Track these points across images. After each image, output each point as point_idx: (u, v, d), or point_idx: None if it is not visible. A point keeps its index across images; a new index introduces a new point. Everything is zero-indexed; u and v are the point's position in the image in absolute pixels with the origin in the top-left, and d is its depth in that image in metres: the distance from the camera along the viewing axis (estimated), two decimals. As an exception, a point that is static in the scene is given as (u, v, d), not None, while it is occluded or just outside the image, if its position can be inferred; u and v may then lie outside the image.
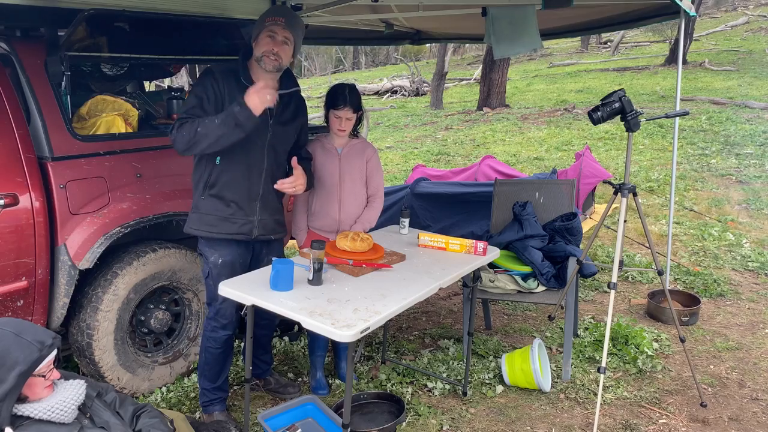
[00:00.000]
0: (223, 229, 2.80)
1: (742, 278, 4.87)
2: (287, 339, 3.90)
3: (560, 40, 27.55)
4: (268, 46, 2.66)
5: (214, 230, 2.80)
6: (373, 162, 3.24)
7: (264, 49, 2.66)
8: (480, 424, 3.05)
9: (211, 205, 2.79)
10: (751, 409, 3.18)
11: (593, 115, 3.00)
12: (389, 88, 19.87)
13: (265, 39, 2.67)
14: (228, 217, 2.80)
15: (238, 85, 2.69)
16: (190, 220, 2.85)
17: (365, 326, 2.20)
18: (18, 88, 2.83)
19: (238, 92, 2.66)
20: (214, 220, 2.79)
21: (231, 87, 2.69)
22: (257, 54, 2.69)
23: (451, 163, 9.51)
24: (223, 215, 2.79)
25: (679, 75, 4.07)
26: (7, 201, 2.69)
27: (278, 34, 2.67)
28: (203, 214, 2.80)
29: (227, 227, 2.81)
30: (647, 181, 7.67)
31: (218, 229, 2.80)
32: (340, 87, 3.11)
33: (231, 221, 2.81)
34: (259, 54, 2.68)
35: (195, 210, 2.83)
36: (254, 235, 2.86)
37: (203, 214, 2.80)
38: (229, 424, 2.93)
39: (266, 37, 2.67)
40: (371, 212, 3.25)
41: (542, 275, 3.61)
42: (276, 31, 2.66)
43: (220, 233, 2.81)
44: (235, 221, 2.81)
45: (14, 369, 1.90)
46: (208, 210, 2.79)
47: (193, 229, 2.83)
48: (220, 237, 2.81)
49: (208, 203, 2.79)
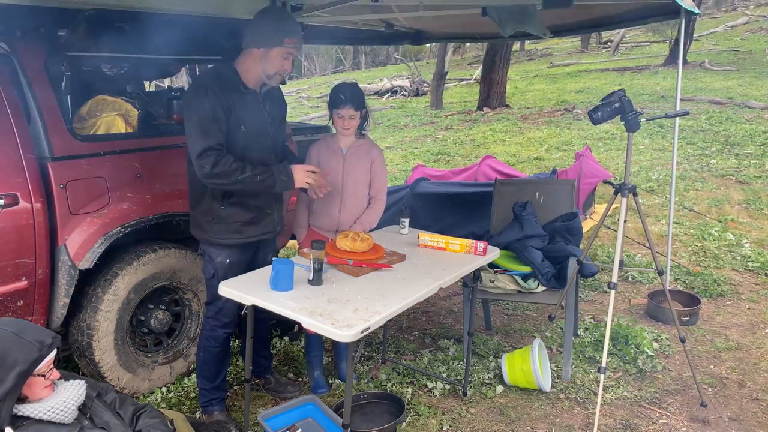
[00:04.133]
0: (250, 233, 2.83)
1: (742, 278, 4.87)
2: (287, 339, 3.90)
3: (560, 40, 27.58)
4: (283, 66, 2.68)
5: (242, 237, 2.81)
6: (378, 163, 3.23)
7: (278, 69, 2.68)
8: (480, 424, 3.05)
9: (233, 213, 2.77)
10: (751, 409, 3.18)
11: (593, 115, 3.00)
12: (389, 88, 19.85)
13: (280, 58, 2.66)
14: (251, 220, 2.81)
15: (237, 93, 2.68)
16: (212, 231, 2.78)
17: (365, 326, 2.20)
18: (18, 88, 2.83)
19: (239, 101, 2.67)
20: (240, 226, 2.80)
21: (232, 96, 2.65)
22: (269, 71, 2.68)
23: (451, 163, 9.51)
24: (247, 219, 2.80)
25: (679, 75, 4.06)
26: (7, 201, 2.69)
27: (293, 56, 2.70)
28: (227, 223, 2.78)
29: (254, 230, 2.83)
30: (647, 181, 7.67)
31: (246, 234, 2.82)
32: (341, 86, 3.11)
33: (255, 224, 2.83)
34: (272, 72, 2.68)
35: (216, 220, 2.77)
36: (277, 231, 2.94)
37: (227, 223, 2.78)
38: (229, 424, 2.93)
39: (281, 58, 2.67)
40: (372, 213, 3.25)
41: (542, 275, 3.61)
42: (293, 53, 2.69)
43: (248, 237, 2.83)
44: (259, 223, 2.84)
45: (14, 369, 1.90)
46: (232, 218, 2.78)
47: (220, 239, 2.79)
48: (247, 242, 2.83)
49: (229, 211, 2.77)
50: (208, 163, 2.55)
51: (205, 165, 2.55)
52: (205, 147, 2.56)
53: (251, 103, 2.73)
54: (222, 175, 2.57)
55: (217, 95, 2.60)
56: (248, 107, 2.71)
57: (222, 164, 2.56)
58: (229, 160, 2.58)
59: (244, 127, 2.69)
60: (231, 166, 2.57)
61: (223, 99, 2.61)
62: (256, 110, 2.75)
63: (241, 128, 2.68)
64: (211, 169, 2.55)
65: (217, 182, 2.61)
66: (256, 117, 2.75)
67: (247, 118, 2.70)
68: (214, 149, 2.57)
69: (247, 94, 2.72)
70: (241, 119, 2.67)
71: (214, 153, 2.56)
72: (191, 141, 2.60)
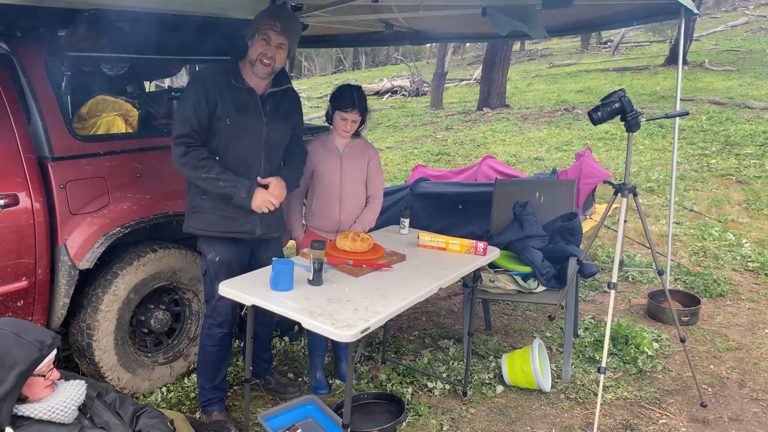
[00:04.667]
0: (225, 227, 2.80)
1: (742, 278, 4.87)
2: (287, 339, 3.90)
3: (560, 40, 27.59)
4: (262, 49, 2.66)
5: (215, 229, 2.80)
6: (374, 163, 3.24)
7: (258, 52, 2.66)
8: (480, 424, 3.05)
9: (214, 205, 2.78)
10: (752, 409, 3.18)
11: (593, 115, 3.00)
12: (389, 88, 19.85)
13: (260, 42, 2.66)
14: (230, 215, 2.79)
15: (229, 87, 2.69)
16: (190, 219, 2.84)
17: (365, 326, 2.20)
18: (18, 88, 2.83)
19: (229, 94, 2.67)
20: (216, 219, 2.79)
21: (222, 90, 2.67)
22: (252, 57, 2.68)
23: (451, 163, 9.51)
24: (225, 214, 2.79)
25: (679, 75, 4.07)
26: (7, 201, 2.69)
27: (272, 40, 2.66)
28: (205, 214, 2.79)
29: (229, 226, 2.81)
30: (647, 181, 7.68)
31: (220, 227, 2.80)
32: (348, 89, 3.09)
33: (233, 219, 2.80)
34: (254, 58, 2.68)
35: (196, 210, 2.81)
36: (257, 233, 2.86)
37: (205, 214, 2.79)
38: (228, 424, 2.93)
39: (260, 41, 2.66)
40: (370, 212, 3.26)
41: (542, 275, 3.61)
42: (270, 36, 2.65)
43: (222, 232, 2.80)
44: (237, 219, 2.81)
45: (14, 369, 1.90)
46: (211, 210, 2.78)
47: (194, 228, 2.82)
48: (221, 236, 2.81)
49: (209, 203, 2.78)
50: (179, 150, 2.64)
51: (176, 151, 2.65)
52: (180, 133, 2.65)
53: (244, 99, 2.72)
54: (188, 167, 2.65)
55: (205, 87, 2.65)
56: (238, 102, 2.71)
57: (191, 156, 2.64)
58: (200, 155, 2.64)
59: (228, 120, 2.69)
60: (199, 162, 2.64)
61: (212, 91, 2.65)
62: (249, 107, 2.74)
63: (226, 121, 2.69)
64: (179, 157, 2.65)
65: (184, 171, 2.70)
66: (247, 113, 2.73)
67: (235, 112, 2.70)
68: (188, 137, 2.64)
69: (242, 90, 2.72)
70: (227, 113, 2.68)
71: (187, 141, 2.64)
72: (173, 127, 2.70)
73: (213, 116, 2.67)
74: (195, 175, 2.66)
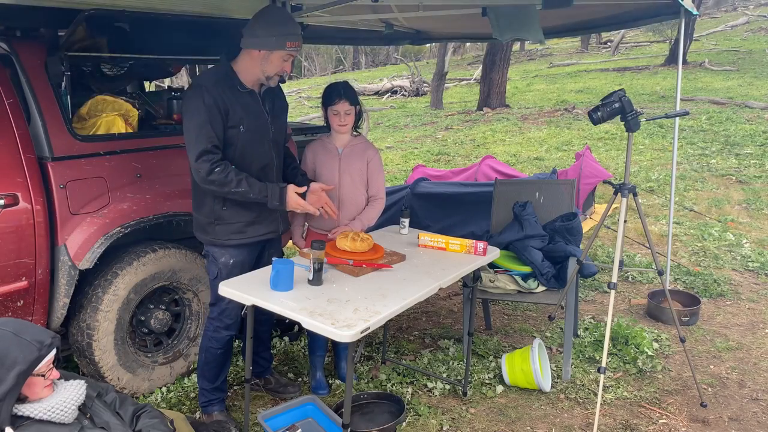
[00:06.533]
0: (253, 232, 2.81)
1: (742, 278, 4.87)
2: (287, 339, 3.90)
3: (560, 40, 27.55)
4: (283, 67, 2.69)
5: (245, 237, 2.80)
6: (374, 163, 3.24)
7: (277, 71, 2.68)
8: (480, 424, 3.05)
9: (235, 213, 2.76)
10: (751, 409, 3.18)
11: (593, 115, 3.00)
12: (389, 88, 19.85)
13: (280, 60, 2.67)
14: (254, 220, 2.80)
15: (234, 93, 2.67)
16: (213, 232, 2.78)
17: (365, 326, 2.20)
18: (18, 88, 2.83)
19: (236, 100, 2.66)
20: (242, 226, 2.79)
21: (228, 96, 2.64)
22: (269, 72, 2.68)
23: (451, 163, 9.50)
24: (249, 219, 2.79)
25: (679, 75, 4.07)
26: (7, 201, 2.69)
27: (293, 57, 2.70)
28: (230, 224, 2.77)
29: (257, 230, 2.82)
30: (647, 181, 7.67)
31: (248, 234, 2.81)
32: (333, 85, 3.13)
33: (258, 223, 2.82)
34: (272, 73, 2.69)
35: (218, 221, 2.77)
36: (281, 230, 2.93)
37: (230, 224, 2.77)
38: (228, 424, 2.93)
39: (282, 60, 2.67)
40: (372, 211, 3.25)
41: (542, 275, 3.61)
42: (293, 55, 2.69)
43: (251, 237, 2.82)
44: (262, 222, 2.83)
45: (14, 368, 1.90)
46: (234, 219, 2.77)
47: (221, 240, 2.79)
48: (250, 242, 2.82)
49: (231, 212, 2.76)
50: (203, 168, 2.56)
51: (200, 170, 2.57)
52: (201, 150, 2.57)
53: (250, 103, 2.72)
54: (216, 183, 2.59)
55: (213, 96, 2.59)
56: (247, 107, 2.71)
57: (217, 173, 2.57)
58: (226, 170, 2.58)
59: (243, 127, 2.68)
60: (227, 177, 2.58)
61: (220, 100, 2.61)
62: (255, 110, 2.75)
63: (240, 128, 2.68)
64: (206, 176, 2.57)
65: (211, 188, 2.64)
66: (256, 116, 2.74)
67: (246, 117, 2.69)
68: (210, 152, 2.57)
69: (246, 94, 2.71)
70: (239, 119, 2.67)
71: (210, 157, 2.57)
72: (188, 145, 2.61)
73: (226, 125, 2.64)
74: (223, 192, 2.63)
